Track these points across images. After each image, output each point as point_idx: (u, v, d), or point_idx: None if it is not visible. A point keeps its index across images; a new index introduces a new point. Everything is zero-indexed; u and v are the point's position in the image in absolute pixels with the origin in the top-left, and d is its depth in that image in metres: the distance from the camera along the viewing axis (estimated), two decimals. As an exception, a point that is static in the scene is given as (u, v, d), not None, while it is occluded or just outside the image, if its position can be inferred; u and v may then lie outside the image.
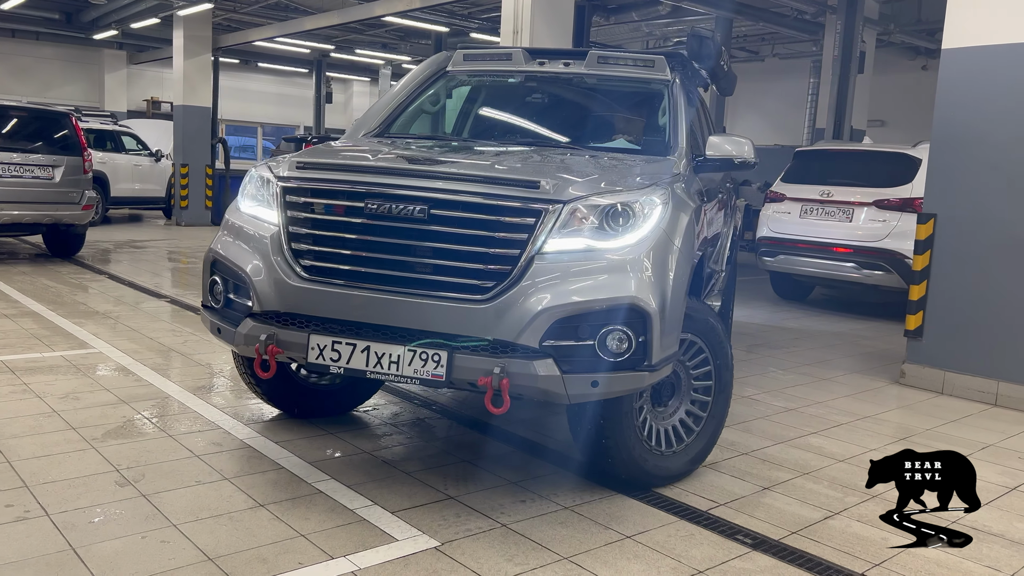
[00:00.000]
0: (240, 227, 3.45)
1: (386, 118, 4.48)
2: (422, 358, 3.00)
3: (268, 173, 3.43)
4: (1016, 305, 5.27)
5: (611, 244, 3.07)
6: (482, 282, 3.02)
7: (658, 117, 4.46)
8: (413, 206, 3.06)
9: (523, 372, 2.94)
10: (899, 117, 17.16)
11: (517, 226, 3.05)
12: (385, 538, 2.98)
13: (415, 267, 3.10)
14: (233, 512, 3.13)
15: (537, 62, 4.68)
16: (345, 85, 26.22)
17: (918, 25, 14.55)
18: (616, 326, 2.99)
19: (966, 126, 5.51)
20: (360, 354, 3.06)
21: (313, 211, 3.26)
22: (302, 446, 3.90)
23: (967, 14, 5.44)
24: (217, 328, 3.45)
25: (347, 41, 20.26)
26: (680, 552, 3.00)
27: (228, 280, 3.44)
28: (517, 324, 2.95)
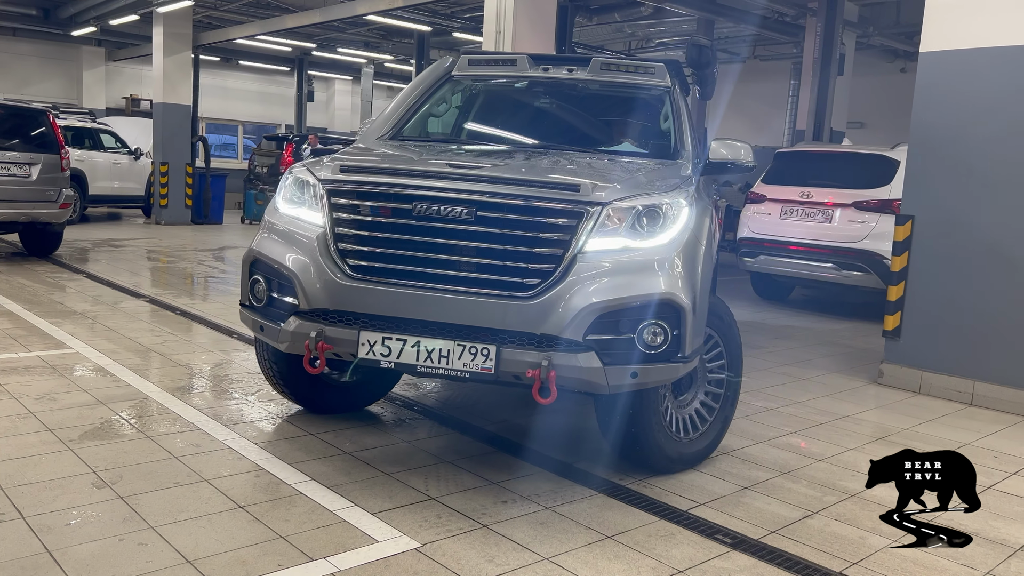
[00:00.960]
0: (282, 228, 3.55)
1: (398, 122, 4.61)
2: (471, 352, 3.12)
3: (309, 176, 3.52)
4: (992, 306, 5.34)
5: (646, 244, 3.26)
6: (527, 279, 3.17)
7: (660, 122, 4.64)
8: (460, 208, 3.20)
9: (568, 364, 3.09)
10: (878, 119, 17.32)
11: (560, 227, 3.21)
12: (366, 539, 2.97)
13: (461, 266, 3.24)
14: (212, 514, 3.11)
15: (541, 68, 4.80)
16: (327, 84, 26.09)
17: (896, 28, 14.69)
18: (653, 320, 3.18)
19: (943, 128, 5.58)
20: (410, 349, 3.18)
21: (359, 213, 3.36)
22: (283, 447, 3.88)
23: (944, 18, 5.50)
24: (260, 326, 3.53)
25: (329, 39, 20.18)
26: (660, 552, 3.02)
27: (271, 279, 3.53)
28: (562, 319, 3.11)
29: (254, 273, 3.61)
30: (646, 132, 4.72)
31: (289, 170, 3.73)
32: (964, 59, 5.40)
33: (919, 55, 5.67)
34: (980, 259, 5.38)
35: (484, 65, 4.94)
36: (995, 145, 5.30)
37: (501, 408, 4.75)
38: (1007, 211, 5.26)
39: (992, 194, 5.33)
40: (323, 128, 24.40)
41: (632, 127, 4.84)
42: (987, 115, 5.33)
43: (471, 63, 4.90)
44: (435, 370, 3.17)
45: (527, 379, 3.09)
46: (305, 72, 23.38)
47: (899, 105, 9.06)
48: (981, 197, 5.37)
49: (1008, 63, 5.22)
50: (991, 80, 5.30)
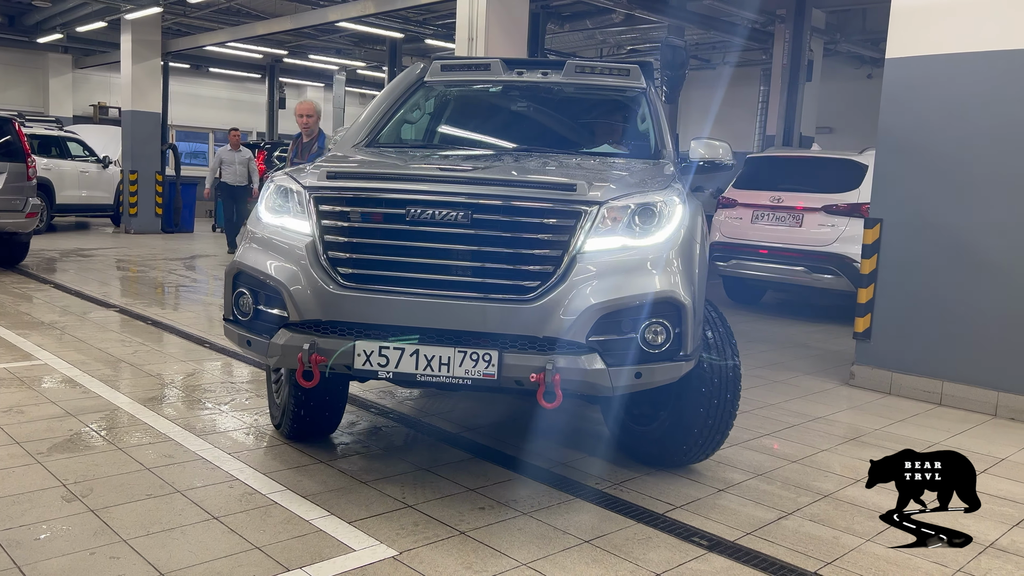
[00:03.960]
0: (267, 238, 3.42)
1: (372, 129, 4.53)
2: (473, 359, 3.05)
3: (292, 183, 3.42)
4: (959, 307, 5.43)
5: (643, 242, 3.23)
6: (527, 282, 3.12)
7: (637, 123, 4.64)
8: (456, 211, 3.14)
9: (572, 367, 3.05)
10: (846, 124, 17.59)
11: (559, 227, 3.17)
12: (342, 548, 2.95)
13: (458, 270, 3.17)
14: (185, 526, 3.07)
15: (515, 72, 4.78)
16: (299, 91, 25.95)
17: (863, 35, 14.94)
18: (655, 319, 3.16)
19: (909, 133, 5.67)
20: (409, 358, 3.09)
21: (349, 220, 3.26)
22: (257, 457, 3.84)
23: (909, 25, 5.60)
24: (247, 341, 3.39)
25: (300, 46, 20.09)
26: (638, 555, 3.03)
27: (258, 292, 3.39)
28: (565, 321, 3.06)
29: (238, 286, 3.47)
30: (625, 133, 4.72)
31: (269, 178, 3.62)
32: (928, 65, 5.51)
33: (885, 61, 5.77)
34: (947, 261, 5.48)
35: (457, 70, 4.88)
36: (960, 149, 5.40)
37: (476, 415, 4.74)
38: (972, 214, 5.36)
39: (957, 197, 5.42)
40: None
41: (610, 129, 4.83)
42: (952, 120, 5.44)
43: (444, 68, 4.84)
44: (436, 378, 3.08)
45: (531, 384, 3.03)
46: (276, 79, 23.23)
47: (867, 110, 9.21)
48: (947, 200, 5.47)
49: (970, 69, 5.32)
50: (955, 85, 5.40)
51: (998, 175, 5.25)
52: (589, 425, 4.57)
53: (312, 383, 3.20)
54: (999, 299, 5.25)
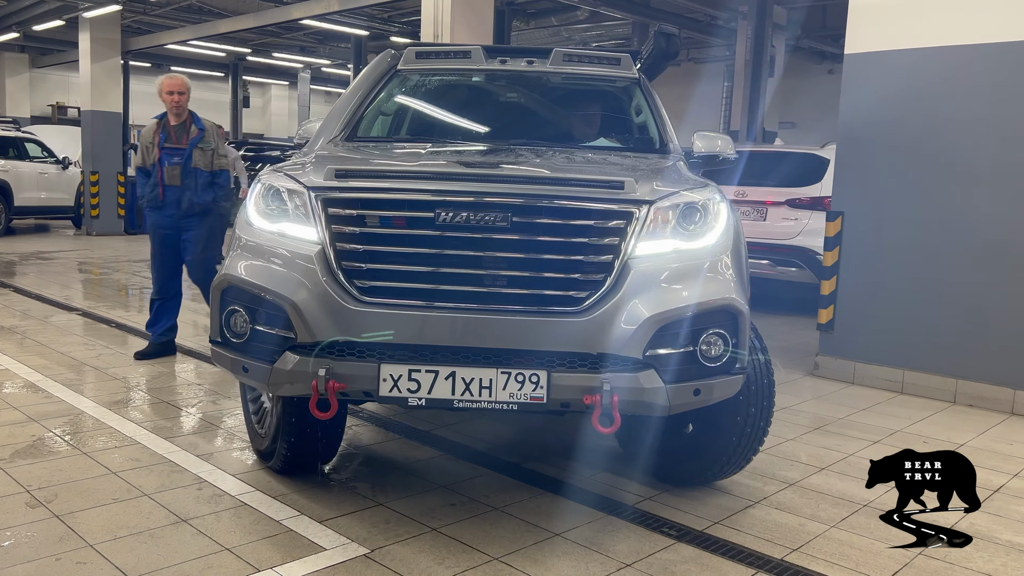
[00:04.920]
0: (262, 247, 3.00)
1: (347, 122, 4.11)
2: (518, 380, 2.74)
3: (291, 183, 3.02)
4: (918, 298, 5.55)
5: (694, 245, 2.98)
6: (576, 292, 2.82)
7: (632, 115, 4.40)
8: (494, 213, 2.80)
9: (628, 386, 2.77)
10: (809, 119, 17.83)
11: (609, 230, 2.87)
12: (313, 548, 2.95)
13: (496, 281, 2.84)
14: (153, 529, 3.04)
15: (498, 60, 4.46)
16: (263, 89, 25.72)
17: (824, 31, 15.18)
18: (714, 329, 2.91)
19: (868, 127, 5.78)
20: (444, 382, 2.76)
21: (366, 225, 2.88)
22: (225, 459, 3.82)
23: (866, 22, 5.71)
24: (243, 367, 2.97)
25: (264, 44, 19.90)
26: (608, 547, 3.06)
27: (255, 309, 2.95)
28: (621, 334, 2.77)
29: (230, 302, 3.01)
30: (623, 126, 4.44)
31: (258, 177, 3.22)
32: (885, 60, 5.61)
33: (845, 57, 5.87)
34: (905, 253, 5.59)
35: (433, 58, 4.49)
36: (916, 143, 5.51)
37: (445, 412, 4.75)
38: (928, 206, 5.47)
39: (914, 190, 5.54)
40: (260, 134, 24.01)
41: (606, 121, 4.51)
42: (909, 114, 5.55)
43: (419, 56, 4.45)
44: (476, 403, 2.75)
45: (583, 406, 2.75)
46: (240, 77, 22.99)
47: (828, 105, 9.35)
48: (905, 193, 5.58)
49: (926, 64, 5.43)
50: (911, 80, 5.52)
51: (953, 168, 5.37)
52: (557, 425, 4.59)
53: (329, 414, 2.80)
54: (955, 289, 5.37)
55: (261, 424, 3.66)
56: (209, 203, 5.69)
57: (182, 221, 5.66)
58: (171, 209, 5.63)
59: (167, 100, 5.67)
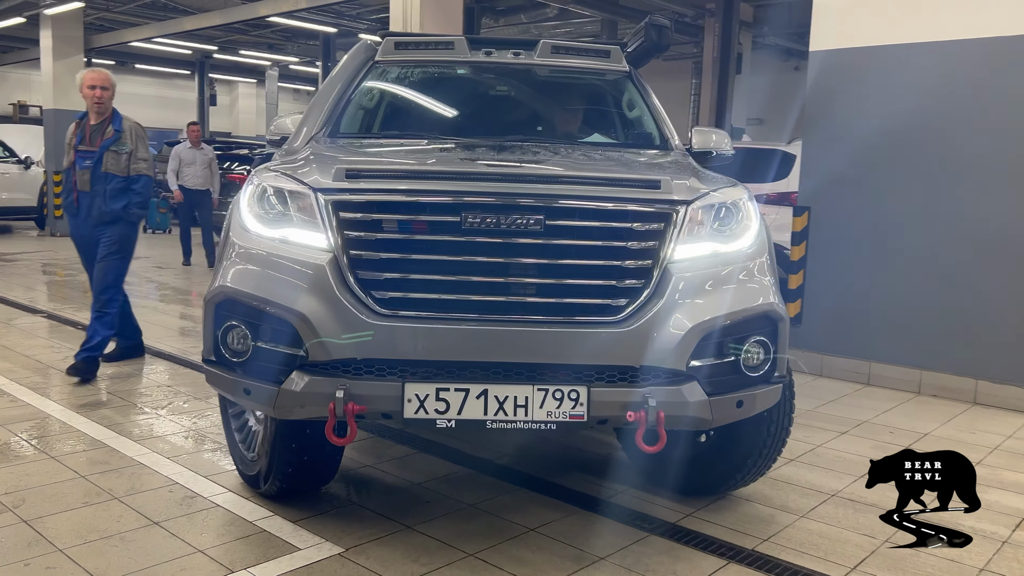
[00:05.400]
0: (263, 255, 2.74)
1: (328, 117, 3.86)
2: (556, 397, 2.56)
3: (293, 184, 2.78)
4: (883, 291, 5.65)
5: (731, 247, 2.84)
6: (614, 300, 2.65)
7: (626, 110, 4.29)
8: (526, 216, 2.61)
9: (673, 401, 2.61)
10: (776, 115, 18.02)
11: (648, 233, 2.71)
12: (287, 548, 2.94)
13: (528, 289, 2.65)
14: (124, 532, 3.01)
15: (483, 52, 4.24)
16: (230, 87, 25.45)
17: (789, 28, 15.35)
18: (756, 337, 2.79)
19: (833, 123, 5.87)
20: (475, 401, 2.56)
21: (383, 230, 2.66)
22: (196, 460, 3.78)
23: (831, 19, 5.79)
24: (245, 389, 2.71)
25: (231, 42, 19.68)
26: (581, 541, 3.09)
27: (257, 324, 2.69)
28: (664, 345, 2.61)
29: (227, 317, 2.74)
30: (619, 122, 4.30)
31: (251, 177, 2.97)
32: (849, 57, 5.71)
33: (809, 54, 5.95)
34: (869, 247, 5.69)
35: (413, 49, 4.24)
36: (880, 138, 5.61)
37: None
38: (891, 201, 5.57)
39: (878, 185, 5.64)
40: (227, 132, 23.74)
41: (603, 116, 4.39)
42: (872, 110, 5.64)
43: (398, 47, 4.20)
44: (511, 423, 2.57)
45: (628, 423, 2.59)
46: (206, 75, 22.73)
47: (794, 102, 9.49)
48: (869, 188, 5.68)
49: (889, 60, 5.53)
50: (874, 77, 5.61)
51: (915, 163, 5.47)
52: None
53: (347, 439, 2.59)
54: (918, 282, 5.48)
55: (249, 446, 3.38)
56: (119, 211, 5.15)
57: (95, 230, 5.18)
58: (83, 216, 5.18)
59: (87, 95, 5.14)
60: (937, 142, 5.37)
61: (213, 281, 2.83)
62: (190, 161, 10.72)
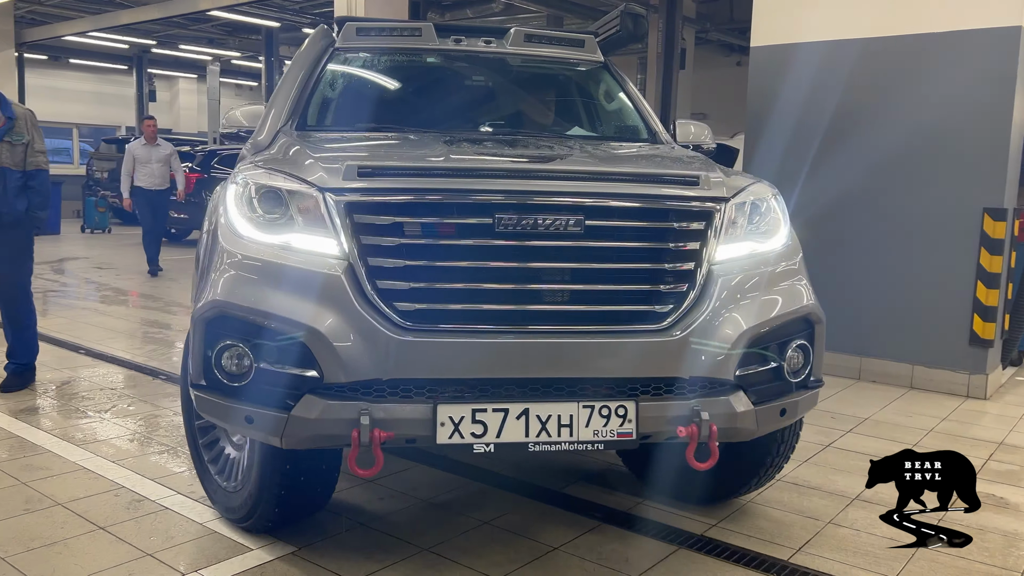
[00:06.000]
0: (264, 264, 2.43)
1: (293, 109, 3.58)
2: (603, 414, 2.37)
3: (295, 184, 2.49)
4: (823, 279, 5.79)
5: (768, 247, 2.71)
6: (658, 307, 2.48)
7: (604, 101, 4.17)
8: (565, 217, 2.41)
9: (723, 412, 2.45)
10: (719, 110, 18.32)
11: (691, 233, 2.55)
12: (239, 548, 2.91)
13: (570, 296, 2.45)
14: (69, 538, 2.94)
15: (452, 39, 4.03)
16: (170, 82, 24.85)
17: (731, 24, 15.63)
18: (799, 341, 2.67)
19: (773, 117, 6.01)
20: (515, 422, 2.34)
21: (405, 234, 2.40)
22: (143, 463, 3.71)
23: (771, 15, 5.93)
24: (246, 416, 2.40)
25: (170, 36, 19.23)
26: (536, 532, 3.12)
27: (260, 343, 2.39)
28: (713, 353, 2.46)
29: (222, 336, 2.42)
30: (600, 113, 4.16)
31: (235, 176, 2.67)
32: (788, 53, 5.85)
33: (750, 50, 6.08)
34: (810, 237, 5.81)
35: (376, 35, 3.98)
36: (817, 132, 5.76)
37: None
38: (830, 192, 5.73)
39: (817, 177, 5.79)
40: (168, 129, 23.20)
41: (584, 108, 4.22)
42: (810, 104, 5.79)
43: (360, 33, 3.93)
44: (555, 445, 2.36)
45: (680, 439, 2.43)
46: (145, 70, 22.16)
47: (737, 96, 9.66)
48: (807, 181, 5.83)
49: (828, 56, 5.68)
50: (813, 71, 5.76)
51: (850, 157, 5.63)
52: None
53: (373, 470, 2.32)
54: (857, 272, 5.65)
55: (228, 475, 3.06)
56: (22, 213, 4.63)
57: None
58: None
59: None
60: (871, 135, 5.54)
61: (201, 295, 2.51)
62: (146, 159, 9.79)
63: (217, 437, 3.13)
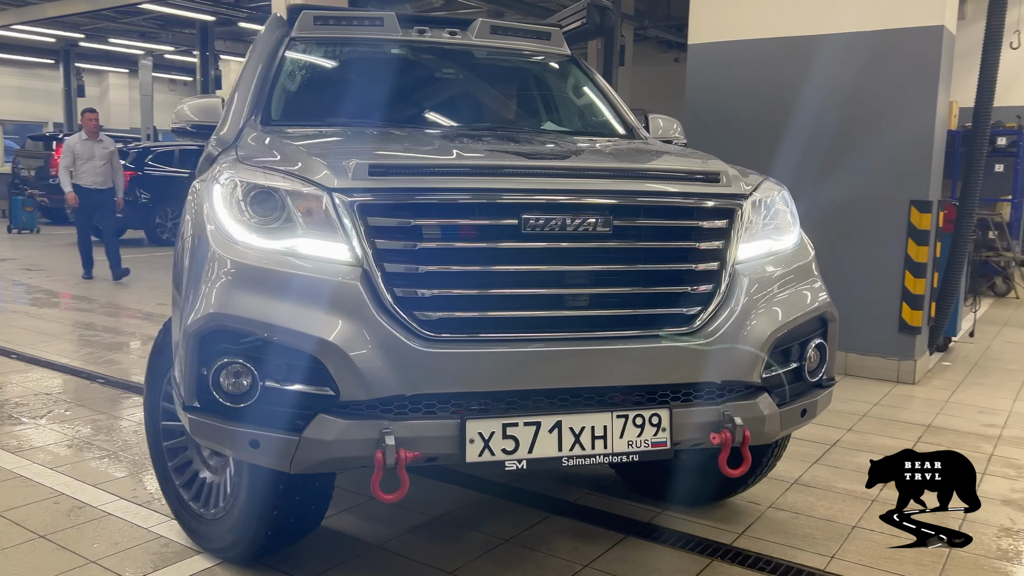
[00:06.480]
0: (264, 272, 2.23)
1: (256, 103, 3.35)
2: (636, 424, 2.27)
3: (295, 183, 2.30)
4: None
5: (783, 245, 2.66)
6: (686, 309, 2.39)
7: (573, 96, 4.12)
8: (594, 216, 2.29)
9: (752, 416, 2.39)
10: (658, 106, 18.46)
11: (715, 231, 2.47)
12: (187, 552, 2.87)
13: (598, 300, 2.33)
14: (7, 548, 2.87)
15: (416, 30, 3.88)
16: (99, 77, 24.11)
17: (668, 21, 15.88)
18: (817, 341, 2.63)
19: (711, 113, 6.15)
20: (548, 435, 2.22)
21: (423, 237, 2.23)
22: (83, 469, 3.63)
23: (708, 13, 6.07)
24: (251, 440, 2.18)
25: (99, 29, 18.65)
26: (485, 525, 3.15)
27: (266, 359, 2.20)
28: (742, 356, 2.39)
29: (220, 352, 2.20)
30: (572, 107, 4.10)
31: (218, 174, 2.44)
32: (724, 50, 5.99)
33: (688, 47, 6.20)
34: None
35: (335, 24, 3.81)
36: (751, 127, 5.92)
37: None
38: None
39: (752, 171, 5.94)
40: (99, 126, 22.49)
41: (556, 102, 4.15)
42: (745, 100, 5.94)
43: (318, 21, 3.77)
44: (589, 458, 2.25)
45: (712, 446, 2.36)
46: (72, 65, 21.45)
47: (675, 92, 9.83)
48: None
49: (763, 53, 5.84)
50: (749, 68, 5.91)
51: (784, 151, 5.79)
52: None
53: (399, 494, 2.15)
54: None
55: (204, 502, 2.83)
56: None
57: None
58: None
59: None
60: (805, 130, 5.70)
61: (190, 306, 2.27)
62: (87, 156, 9.04)
63: (189, 459, 2.90)
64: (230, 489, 2.68)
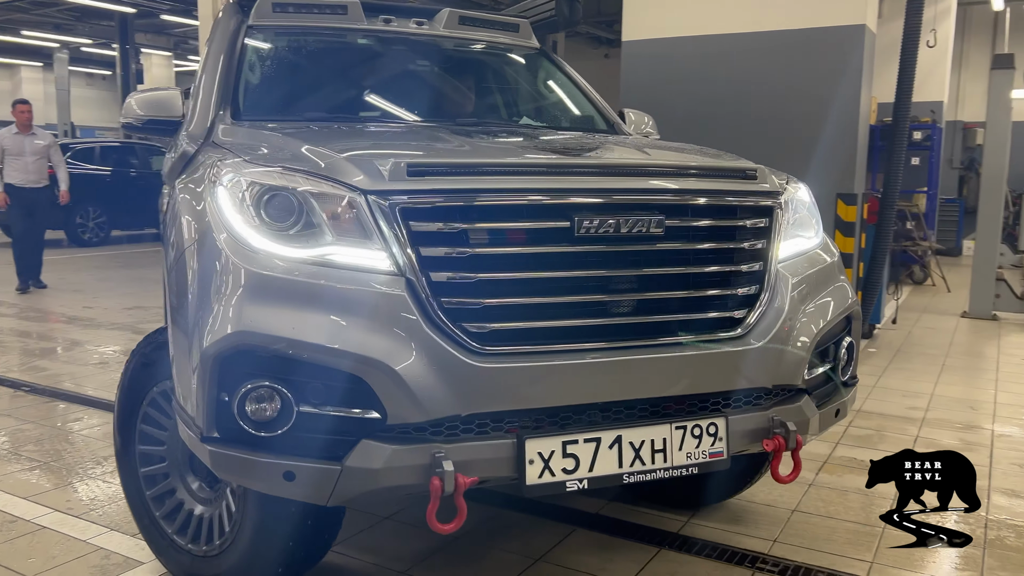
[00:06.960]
0: (293, 284, 2.00)
1: (223, 96, 3.13)
2: (695, 435, 2.17)
3: (323, 185, 2.09)
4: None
5: (812, 243, 2.59)
6: (734, 312, 2.30)
7: (544, 90, 4.04)
8: (648, 217, 2.16)
9: (799, 420, 2.32)
10: (590, 101, 18.81)
11: (757, 230, 2.38)
12: (129, 563, 2.79)
13: (648, 306, 2.21)
14: (-65, 567, 2.74)
15: (380, 19, 3.71)
16: (11, 71, 23.08)
17: (599, 17, 16.05)
18: (847, 340, 2.57)
19: (645, 109, 6.21)
20: (608, 452, 2.09)
21: (470, 243, 2.06)
22: (11, 482, 3.48)
23: (640, 11, 6.18)
24: (285, 472, 1.95)
25: (10, 21, 17.82)
26: (509, 543, 3.01)
27: (301, 382, 1.97)
28: (790, 359, 2.31)
29: (246, 376, 1.97)
30: (547, 101, 4.02)
31: (222, 175, 2.20)
32: (659, 47, 6.10)
33: (622, 44, 6.30)
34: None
35: (294, 12, 3.59)
36: (687, 123, 6.03)
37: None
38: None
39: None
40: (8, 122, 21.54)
41: (530, 96, 4.07)
42: (678, 96, 6.07)
43: (277, 8, 3.55)
44: (650, 473, 2.13)
45: (764, 454, 2.32)
46: (-19, 58, 20.47)
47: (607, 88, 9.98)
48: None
49: (695, 50, 5.97)
50: (681, 65, 6.04)
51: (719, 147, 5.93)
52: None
53: (456, 524, 1.97)
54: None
55: (193, 538, 2.58)
56: None
57: None
58: None
59: None
60: (735, 126, 5.87)
61: (207, 326, 2.00)
62: (18, 152, 8.43)
63: (172, 488, 2.65)
64: (228, 524, 2.46)
